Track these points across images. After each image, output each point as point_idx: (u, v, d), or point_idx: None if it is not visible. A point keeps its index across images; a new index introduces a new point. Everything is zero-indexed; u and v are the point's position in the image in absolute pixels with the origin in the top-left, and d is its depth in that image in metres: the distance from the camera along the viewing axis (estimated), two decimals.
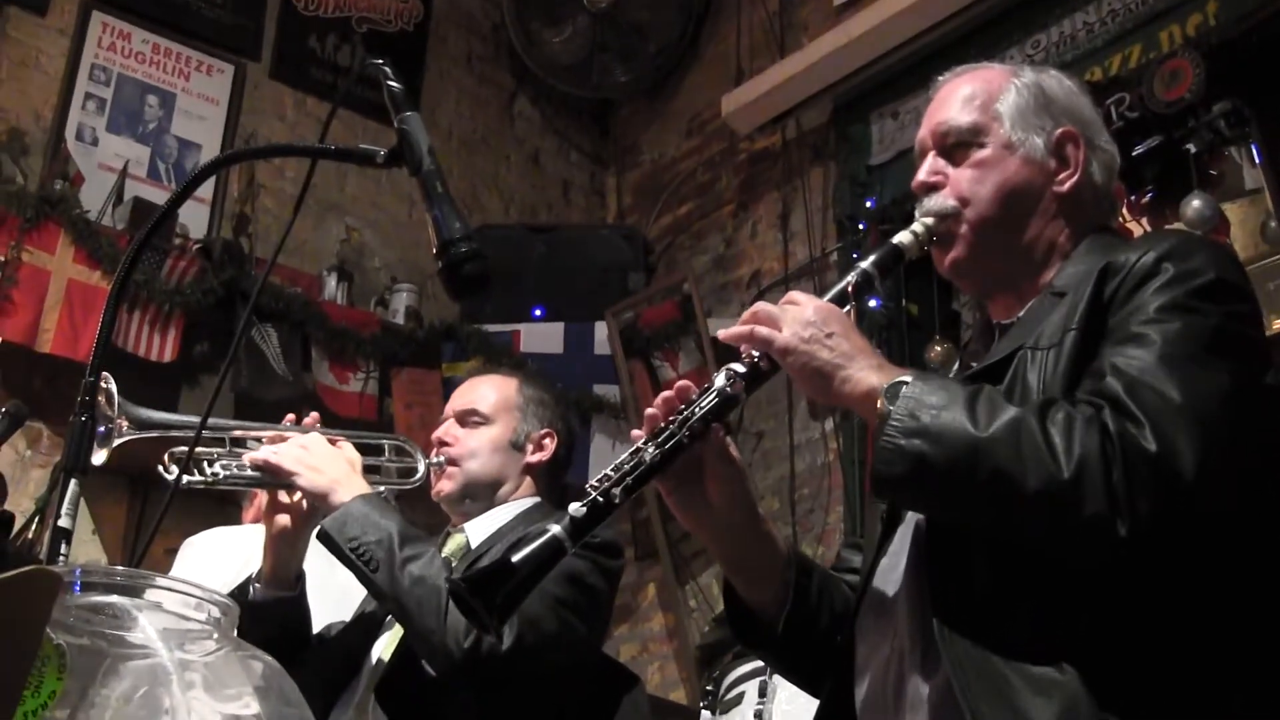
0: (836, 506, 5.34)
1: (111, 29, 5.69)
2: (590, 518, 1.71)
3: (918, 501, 1.75)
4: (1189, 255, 1.72)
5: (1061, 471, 1.54)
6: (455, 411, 2.96)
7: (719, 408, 1.78)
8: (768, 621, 1.93)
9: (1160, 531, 1.54)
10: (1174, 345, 1.62)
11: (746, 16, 6.57)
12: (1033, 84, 2.00)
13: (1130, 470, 1.53)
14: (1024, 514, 1.58)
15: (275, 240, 5.69)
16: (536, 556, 1.66)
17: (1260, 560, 1.66)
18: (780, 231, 6.08)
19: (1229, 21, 4.43)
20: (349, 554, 2.49)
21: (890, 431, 1.63)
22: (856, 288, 1.89)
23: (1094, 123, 2.03)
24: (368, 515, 2.51)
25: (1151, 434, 1.54)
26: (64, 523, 1.54)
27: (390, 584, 2.45)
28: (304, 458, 2.60)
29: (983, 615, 1.63)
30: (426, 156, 1.74)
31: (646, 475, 1.75)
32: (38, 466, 4.88)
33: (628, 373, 5.98)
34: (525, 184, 7.00)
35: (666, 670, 5.76)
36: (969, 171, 1.95)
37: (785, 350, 1.75)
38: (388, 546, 2.47)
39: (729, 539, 1.92)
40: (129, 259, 1.77)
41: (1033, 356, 1.75)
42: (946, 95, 2.04)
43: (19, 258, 4.86)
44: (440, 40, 6.83)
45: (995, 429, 1.58)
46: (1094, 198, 1.98)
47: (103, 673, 1.24)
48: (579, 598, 2.58)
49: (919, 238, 1.94)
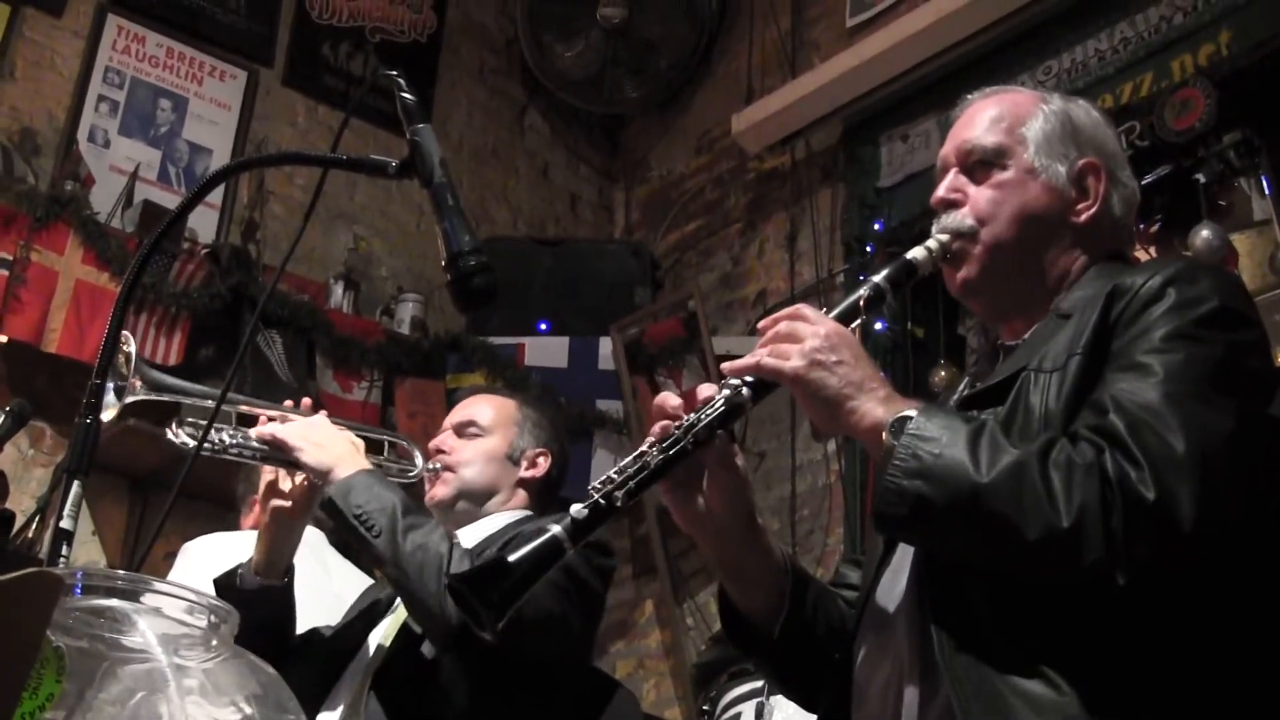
0: (837, 528, 5.33)
1: (126, 32, 5.70)
2: (592, 519, 1.70)
3: (918, 541, 1.75)
4: (1194, 281, 1.72)
5: (1061, 520, 1.54)
6: (453, 423, 3.00)
7: (725, 415, 1.77)
8: (763, 628, 1.92)
9: (1158, 577, 1.55)
10: (1176, 381, 1.61)
11: (759, 35, 6.59)
12: (1060, 111, 2.00)
13: (1129, 519, 1.53)
14: (1023, 560, 1.58)
15: (283, 246, 5.70)
16: (536, 555, 1.66)
17: (1261, 591, 1.66)
18: (787, 251, 6.08)
19: (1241, 52, 4.43)
20: (352, 520, 2.51)
21: (893, 471, 1.63)
22: (868, 302, 1.88)
23: (1117, 156, 2.02)
24: (371, 486, 2.54)
25: (1151, 480, 1.53)
26: (66, 524, 1.54)
27: (391, 548, 2.47)
28: (309, 434, 2.62)
29: (983, 635, 1.63)
30: (438, 169, 1.74)
31: (649, 479, 1.74)
32: (40, 465, 4.88)
33: (631, 388, 5.98)
34: (534, 197, 7.01)
35: (662, 688, 5.74)
36: (989, 192, 1.95)
37: (794, 380, 1.74)
38: (390, 514, 2.50)
39: (727, 545, 1.91)
40: (139, 263, 1.77)
41: (1035, 379, 1.75)
42: (973, 114, 2.04)
43: (28, 257, 4.88)
44: (453, 52, 6.85)
45: (996, 474, 1.58)
46: (1111, 229, 1.97)
47: (100, 676, 1.24)
48: (574, 588, 2.59)
49: (933, 253, 1.94)
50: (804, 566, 2.05)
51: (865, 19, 5.95)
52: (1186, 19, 4.66)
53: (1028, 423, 1.71)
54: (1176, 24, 4.69)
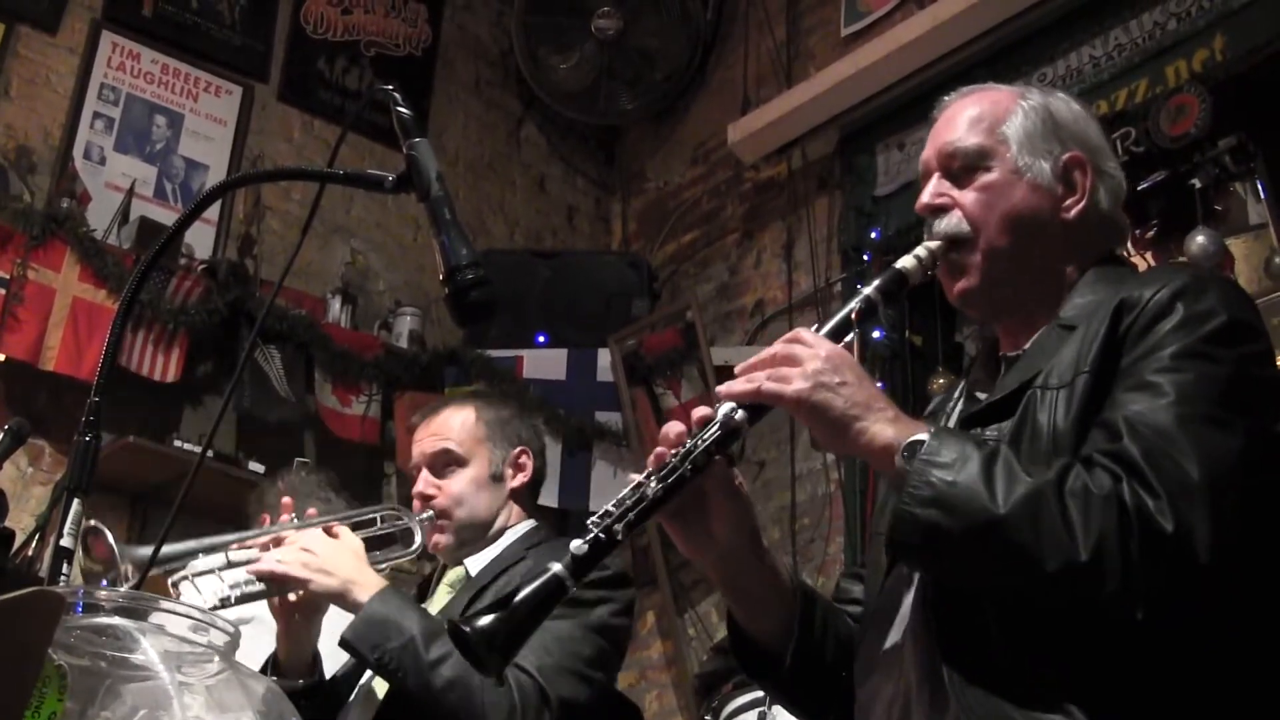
0: (837, 537, 5.32)
1: (121, 49, 5.70)
2: (592, 555, 1.67)
3: (932, 570, 1.72)
4: (1201, 294, 1.70)
5: (1079, 553, 1.52)
6: (426, 459, 2.91)
7: (722, 439, 1.74)
8: (773, 653, 1.90)
9: (1177, 607, 1.54)
10: (1189, 402, 1.60)
11: (754, 45, 6.59)
12: (1040, 106, 1.97)
13: (1148, 551, 1.51)
14: (1040, 592, 1.57)
15: (280, 261, 5.71)
16: (538, 596, 1.63)
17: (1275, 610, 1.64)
18: (784, 261, 6.09)
19: (1236, 57, 4.44)
20: (373, 663, 2.45)
21: (906, 499, 1.60)
22: (860, 314, 1.85)
23: (1101, 148, 2.00)
24: (387, 618, 2.47)
25: (1170, 511, 1.52)
26: (66, 542, 1.54)
27: (423, 690, 2.41)
28: (310, 561, 2.55)
29: (993, 662, 1.61)
30: (435, 183, 1.74)
31: (649, 510, 1.71)
32: (39, 483, 4.87)
33: (630, 400, 5.97)
34: (531, 209, 7.01)
35: (664, 699, 5.73)
36: (975, 195, 1.92)
37: (797, 404, 1.71)
38: (413, 651, 2.43)
39: (732, 570, 1.89)
40: (136, 280, 1.76)
41: (1042, 396, 1.73)
42: (952, 116, 2.00)
43: (25, 275, 4.87)
44: (448, 65, 6.85)
45: (1013, 504, 1.55)
46: (1100, 224, 1.95)
47: (103, 694, 1.24)
48: (605, 646, 2.59)
49: (923, 262, 1.90)
50: (809, 583, 2.03)
51: (860, 28, 5.96)
52: (1181, 25, 4.66)
53: (1035, 442, 1.69)
54: (1171, 30, 4.69)
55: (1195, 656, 1.57)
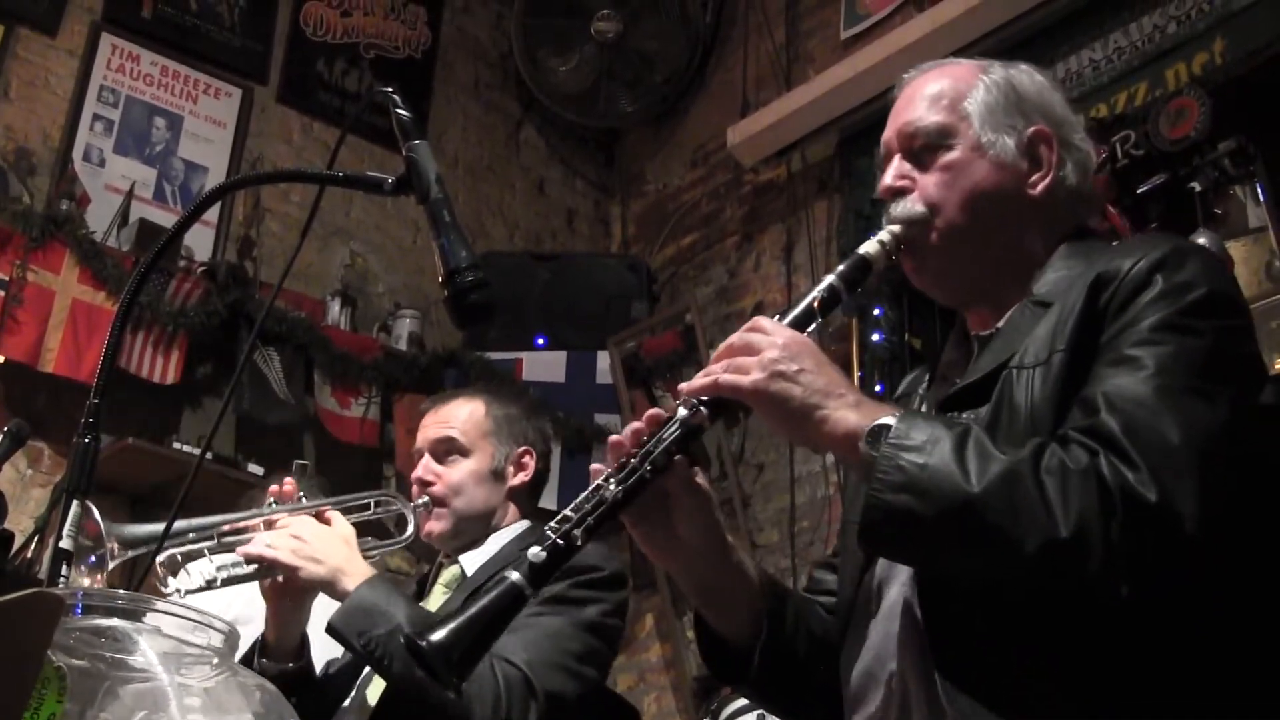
0: (836, 540, 5.32)
1: (121, 51, 5.70)
2: (551, 562, 1.61)
3: (908, 558, 1.67)
4: (1180, 266, 1.64)
5: (1059, 530, 1.47)
6: (430, 445, 2.91)
7: (682, 438, 1.70)
8: (743, 654, 1.85)
9: (1163, 581, 1.49)
10: (1169, 373, 1.55)
11: (753, 48, 6.60)
12: (1003, 81, 1.91)
13: (1131, 523, 1.46)
14: (1021, 573, 1.51)
15: (280, 263, 5.71)
16: (495, 607, 1.57)
17: (1264, 591, 1.61)
18: (784, 263, 6.09)
19: (1235, 60, 4.44)
20: (359, 650, 2.44)
21: (876, 485, 1.54)
22: (823, 303, 1.80)
23: (1068, 120, 1.92)
24: (374, 605, 2.45)
25: (1151, 482, 1.47)
26: (65, 544, 1.54)
27: (409, 681, 2.40)
28: (300, 549, 2.53)
29: (985, 664, 1.57)
30: (434, 185, 1.74)
31: (609, 514, 1.65)
32: (38, 485, 4.87)
33: (629, 402, 5.98)
34: (530, 212, 7.01)
35: (663, 701, 5.73)
36: (937, 175, 1.86)
37: (755, 394, 1.65)
38: (399, 639, 2.39)
39: (698, 570, 1.83)
40: (136, 281, 1.76)
41: (1018, 376, 1.67)
42: (912, 94, 1.93)
43: (24, 277, 4.87)
44: (447, 67, 6.86)
45: (987, 484, 1.49)
46: (1069, 199, 1.88)
47: (102, 696, 1.24)
48: (595, 644, 2.58)
49: (885, 246, 1.85)
50: (781, 580, 1.97)
51: (859, 31, 5.97)
52: (1180, 28, 4.67)
53: (1013, 423, 1.64)
54: (1170, 33, 4.70)
55: (1184, 640, 1.53)
